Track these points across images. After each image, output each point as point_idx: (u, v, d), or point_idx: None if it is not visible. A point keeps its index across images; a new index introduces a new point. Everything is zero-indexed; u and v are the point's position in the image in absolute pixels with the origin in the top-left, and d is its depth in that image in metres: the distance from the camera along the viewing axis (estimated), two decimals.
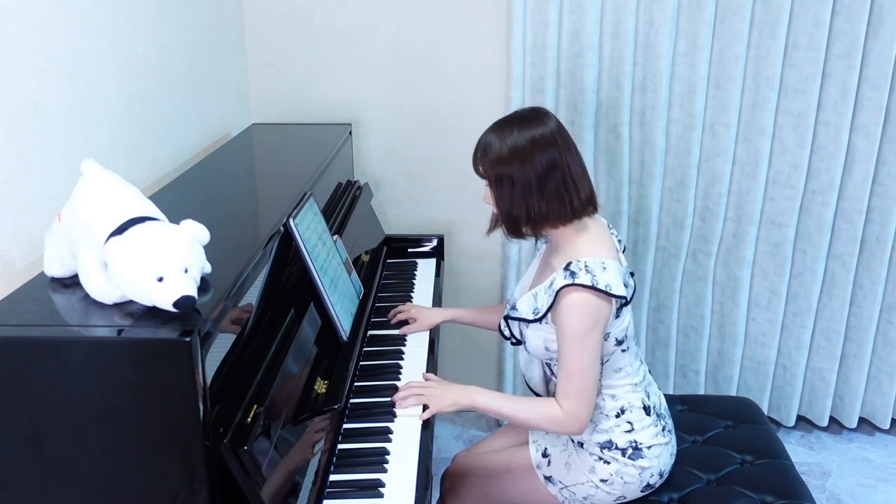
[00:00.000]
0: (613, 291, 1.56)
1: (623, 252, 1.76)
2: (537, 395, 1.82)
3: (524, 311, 1.68)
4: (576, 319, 1.56)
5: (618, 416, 1.70)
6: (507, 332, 1.77)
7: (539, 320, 1.64)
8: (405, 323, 2.02)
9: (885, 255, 2.61)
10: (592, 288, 1.55)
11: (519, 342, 1.75)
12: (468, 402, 1.69)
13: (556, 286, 1.58)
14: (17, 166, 1.40)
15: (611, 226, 1.79)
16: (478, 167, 1.66)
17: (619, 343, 1.66)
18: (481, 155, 1.64)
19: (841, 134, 2.48)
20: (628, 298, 1.62)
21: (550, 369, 1.74)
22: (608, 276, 1.57)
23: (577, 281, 1.55)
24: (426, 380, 1.77)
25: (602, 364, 1.68)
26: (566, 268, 1.58)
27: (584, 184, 1.64)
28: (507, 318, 1.75)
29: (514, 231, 1.67)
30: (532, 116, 1.64)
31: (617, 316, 1.62)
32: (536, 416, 1.66)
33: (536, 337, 1.67)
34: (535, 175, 1.59)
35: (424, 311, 2.06)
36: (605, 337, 1.63)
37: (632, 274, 1.72)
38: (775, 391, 2.84)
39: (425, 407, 1.67)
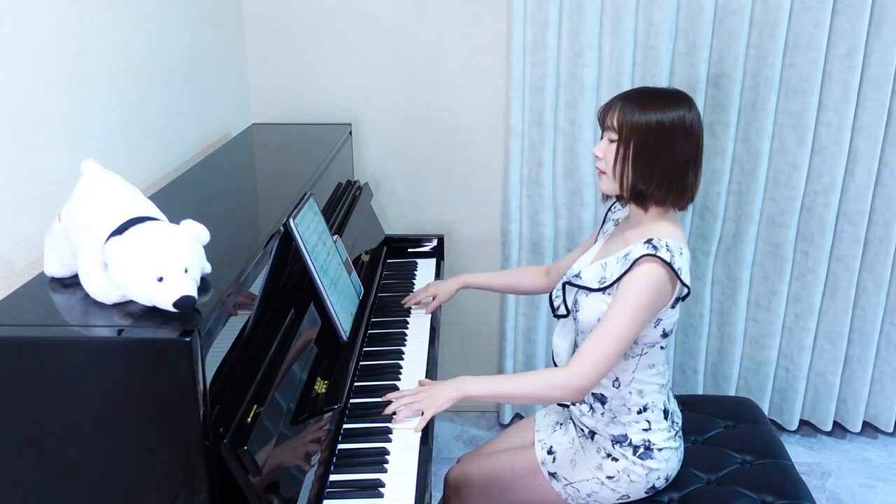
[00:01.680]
0: (683, 277, 1.58)
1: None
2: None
3: (589, 279, 1.67)
4: (645, 289, 1.56)
5: (640, 412, 1.70)
6: (557, 301, 1.75)
7: (604, 290, 1.63)
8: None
9: (888, 257, 2.60)
10: (669, 265, 1.56)
11: (565, 315, 1.73)
12: (461, 394, 1.62)
13: (636, 254, 1.58)
14: (17, 166, 1.40)
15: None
16: (613, 119, 1.63)
17: (664, 336, 1.66)
18: (625, 109, 1.62)
19: (842, 135, 2.48)
20: (688, 292, 1.63)
21: None
22: (682, 262, 1.59)
23: (658, 254, 1.56)
24: (420, 385, 1.74)
25: (640, 355, 1.67)
26: (647, 241, 1.59)
27: (699, 180, 1.68)
28: (566, 284, 1.74)
29: (637, 197, 1.65)
30: (683, 98, 1.65)
31: (672, 306, 1.63)
32: (535, 382, 1.63)
33: (593, 307, 1.65)
34: (676, 156, 1.61)
35: (441, 285, 2.11)
36: (656, 324, 1.63)
37: None
38: (777, 394, 2.83)
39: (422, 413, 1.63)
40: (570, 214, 2.64)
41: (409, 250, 2.53)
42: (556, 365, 1.80)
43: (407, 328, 2.03)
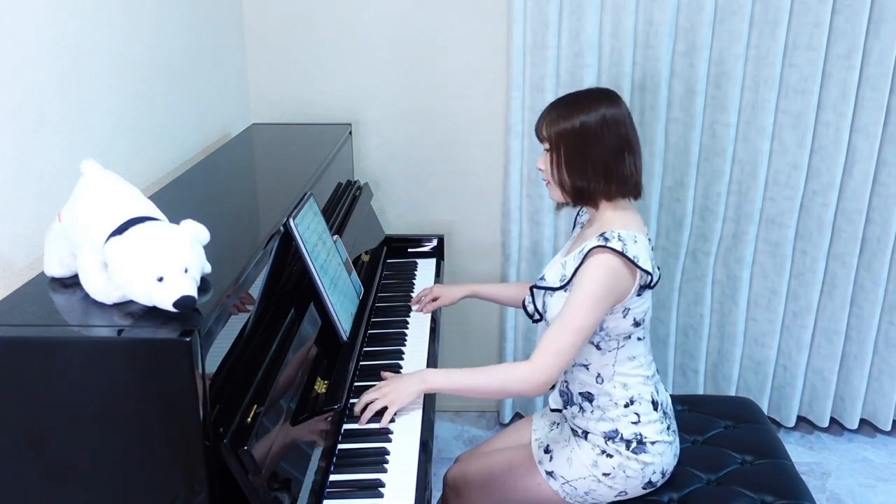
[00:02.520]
0: (640, 264, 1.59)
1: (652, 250, 1.77)
2: None
3: (551, 279, 1.70)
4: (596, 279, 1.58)
5: (626, 405, 1.70)
6: (530, 308, 1.77)
7: (564, 287, 1.65)
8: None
9: (885, 255, 2.61)
10: (621, 254, 1.57)
11: (540, 318, 1.75)
12: (425, 387, 1.63)
13: (586, 248, 1.61)
14: (17, 166, 1.40)
15: (645, 224, 1.81)
16: (542, 131, 1.70)
17: (637, 325, 1.67)
18: (551, 120, 1.68)
19: (841, 134, 2.48)
20: (654, 279, 1.64)
21: None
22: (638, 249, 1.60)
23: (608, 245, 1.58)
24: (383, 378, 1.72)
25: (617, 349, 1.68)
26: (600, 235, 1.61)
27: (640, 168, 1.71)
28: (533, 288, 1.76)
29: (576, 195, 1.70)
30: (612, 96, 1.70)
31: (639, 294, 1.64)
32: (497, 376, 1.64)
33: (557, 306, 1.66)
34: (610, 145, 1.65)
35: (446, 289, 2.14)
36: (624, 314, 1.64)
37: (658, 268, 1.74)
38: (775, 391, 2.84)
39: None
40: (569, 214, 2.64)
41: (409, 250, 2.53)
42: None
43: (407, 328, 2.04)
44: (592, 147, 1.65)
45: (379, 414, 1.61)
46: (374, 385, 1.76)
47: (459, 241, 2.78)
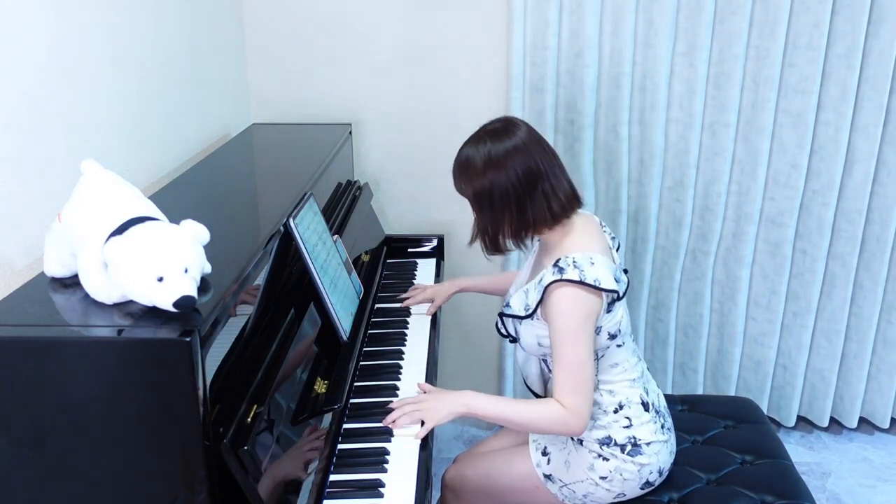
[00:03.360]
0: (602, 285, 1.57)
1: (617, 250, 1.78)
2: (535, 393, 1.82)
3: (516, 307, 1.69)
4: (567, 315, 1.57)
5: (616, 411, 1.70)
6: (503, 331, 1.78)
7: (530, 316, 1.65)
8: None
9: (885, 255, 2.61)
10: (580, 283, 1.56)
11: (515, 339, 1.76)
12: (465, 410, 1.63)
13: (545, 282, 1.59)
14: (17, 166, 1.40)
15: (604, 224, 1.80)
16: (459, 186, 1.71)
17: (612, 337, 1.67)
18: (459, 174, 1.68)
19: (841, 134, 2.48)
20: (620, 293, 1.63)
21: (547, 366, 1.75)
22: (597, 271, 1.58)
23: (564, 276, 1.56)
24: (421, 391, 1.74)
25: (597, 359, 1.68)
26: (555, 264, 1.60)
27: (562, 184, 1.66)
28: (501, 315, 1.76)
29: (493, 246, 1.69)
30: (501, 128, 1.66)
31: (608, 310, 1.63)
32: (538, 416, 1.62)
33: (529, 334, 1.68)
34: (513, 185, 1.61)
35: (438, 288, 2.16)
36: (598, 331, 1.63)
37: (625, 271, 1.73)
38: (775, 391, 2.84)
39: (423, 423, 1.62)
40: None
41: (409, 250, 2.53)
42: (528, 387, 1.84)
43: (407, 328, 2.04)
44: (501, 184, 1.61)
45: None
46: (374, 385, 1.76)
47: (459, 241, 2.77)
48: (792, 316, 2.73)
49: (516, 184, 1.61)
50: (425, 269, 2.42)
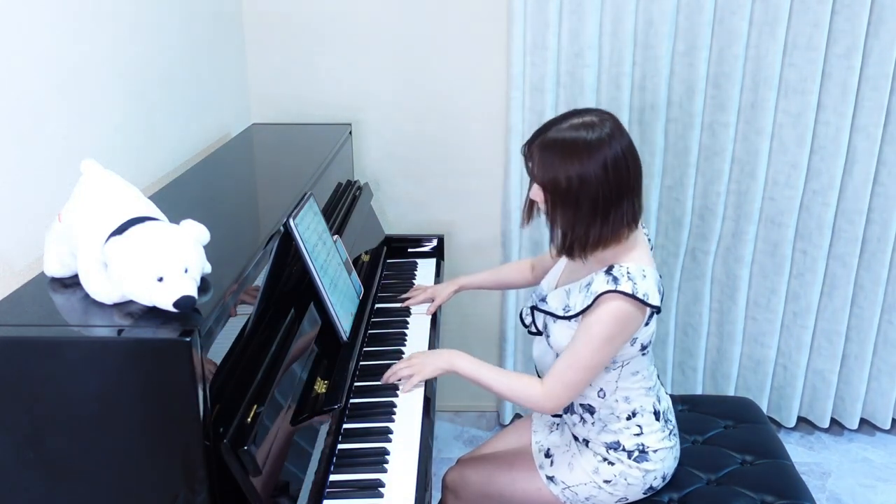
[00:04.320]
0: (650, 301, 1.55)
1: (651, 251, 1.73)
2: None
3: (555, 306, 1.68)
4: (607, 324, 1.55)
5: (629, 418, 1.70)
6: (528, 321, 1.77)
7: (569, 318, 1.63)
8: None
9: (885, 255, 2.61)
10: (633, 297, 1.53)
11: (538, 333, 1.75)
12: (449, 367, 1.71)
13: (597, 290, 1.55)
14: (17, 166, 1.40)
15: (644, 224, 1.75)
16: (532, 170, 1.57)
17: (643, 348, 1.66)
18: (546, 162, 1.54)
19: (841, 134, 2.48)
20: (659, 308, 1.61)
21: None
22: (647, 285, 1.55)
23: (619, 287, 1.53)
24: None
25: (622, 367, 1.66)
26: (608, 271, 1.56)
27: (641, 194, 1.60)
28: (533, 308, 1.75)
29: (570, 250, 1.58)
30: (597, 124, 1.54)
31: (647, 323, 1.61)
32: (514, 390, 1.67)
33: (562, 334, 1.65)
34: (603, 196, 1.52)
35: (439, 288, 2.16)
36: (632, 342, 1.62)
37: (659, 276, 1.68)
38: (775, 391, 2.84)
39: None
40: None
41: (409, 250, 2.53)
42: (539, 376, 1.81)
43: (407, 328, 2.03)
44: (587, 200, 1.52)
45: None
46: (374, 385, 1.77)
47: (459, 241, 2.78)
48: (792, 316, 2.73)
49: (606, 190, 1.51)
50: (425, 269, 2.42)
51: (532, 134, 1.61)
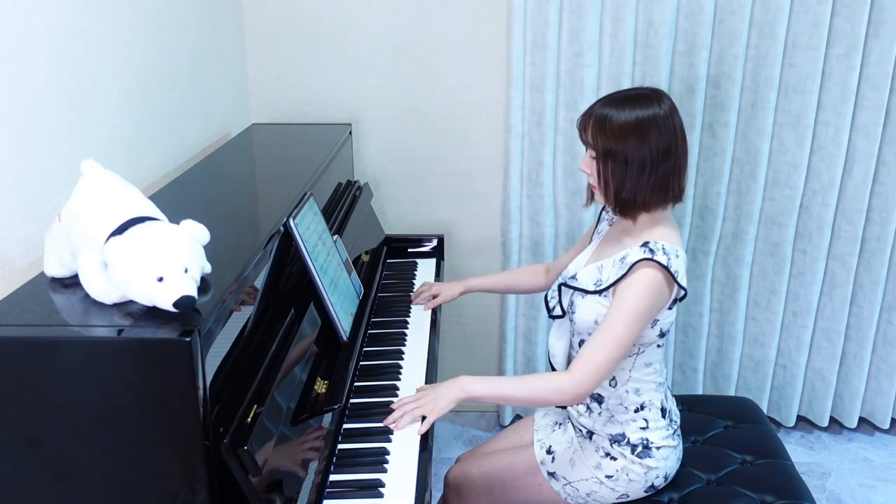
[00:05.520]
0: (680, 279, 1.58)
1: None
2: (556, 370, 1.80)
3: (585, 281, 1.67)
4: (643, 294, 1.56)
5: (637, 410, 1.70)
6: (553, 302, 1.76)
7: (600, 292, 1.63)
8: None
9: (885, 255, 2.61)
10: (667, 269, 1.56)
11: (561, 315, 1.74)
12: (464, 395, 1.62)
13: (632, 259, 1.58)
14: (17, 166, 1.40)
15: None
16: (588, 137, 1.64)
17: (662, 336, 1.67)
18: (597, 126, 1.61)
19: (841, 134, 2.48)
20: (686, 291, 1.63)
21: (581, 346, 1.73)
22: (679, 264, 1.59)
23: (655, 258, 1.56)
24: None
25: (637, 354, 1.67)
26: (644, 245, 1.59)
27: (686, 172, 1.66)
28: (561, 286, 1.74)
29: (623, 209, 1.64)
30: (651, 96, 1.62)
31: (669, 307, 1.63)
32: (536, 385, 1.62)
33: (589, 309, 1.65)
34: (651, 158, 1.58)
35: (444, 287, 2.15)
36: (653, 325, 1.63)
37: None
38: (775, 391, 2.84)
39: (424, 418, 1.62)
40: (570, 214, 2.64)
41: (409, 250, 2.53)
42: (552, 366, 1.81)
43: (407, 328, 2.04)
44: (643, 169, 1.59)
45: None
46: (374, 385, 1.76)
47: (459, 241, 2.78)
48: (792, 316, 2.73)
49: (666, 165, 1.59)
50: (425, 269, 2.42)
51: (588, 108, 1.66)
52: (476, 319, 2.84)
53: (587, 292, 1.66)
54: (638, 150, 1.59)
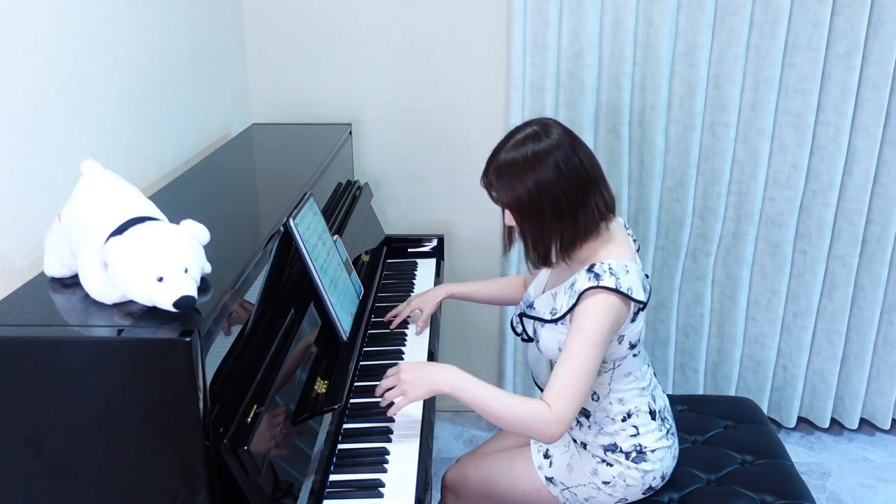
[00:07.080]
0: (635, 296, 1.55)
1: (637, 251, 1.74)
2: (543, 390, 1.79)
3: (541, 310, 1.67)
4: (598, 321, 1.52)
5: (624, 419, 1.69)
6: (518, 329, 1.76)
7: (556, 321, 1.62)
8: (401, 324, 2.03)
9: (885, 255, 2.61)
10: (616, 291, 1.53)
11: (530, 339, 1.75)
12: (448, 391, 1.54)
13: (580, 287, 1.54)
14: (17, 166, 1.40)
15: (627, 225, 1.77)
16: (499, 194, 1.60)
17: (632, 347, 1.65)
18: (500, 179, 1.58)
19: (841, 134, 2.48)
20: (645, 303, 1.60)
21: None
22: (630, 280, 1.55)
23: (601, 283, 1.53)
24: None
25: (613, 369, 1.66)
26: (589, 269, 1.56)
27: (607, 188, 1.61)
28: (521, 315, 1.74)
29: (545, 259, 1.60)
30: (540, 133, 1.58)
31: (633, 320, 1.61)
32: (521, 414, 1.51)
33: (551, 338, 1.65)
34: (563, 192, 1.54)
35: (423, 300, 2.03)
36: (619, 340, 1.61)
37: (646, 276, 1.69)
38: (775, 392, 2.84)
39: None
40: None
41: (409, 250, 2.53)
42: (537, 384, 1.81)
43: (407, 328, 2.03)
44: (551, 205, 1.54)
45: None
46: (374, 385, 1.76)
47: (459, 241, 2.78)
48: (792, 316, 2.73)
49: (567, 190, 1.54)
50: (425, 269, 2.42)
51: (485, 165, 1.63)
52: (476, 319, 2.84)
53: (545, 321, 1.65)
54: (548, 197, 1.54)
